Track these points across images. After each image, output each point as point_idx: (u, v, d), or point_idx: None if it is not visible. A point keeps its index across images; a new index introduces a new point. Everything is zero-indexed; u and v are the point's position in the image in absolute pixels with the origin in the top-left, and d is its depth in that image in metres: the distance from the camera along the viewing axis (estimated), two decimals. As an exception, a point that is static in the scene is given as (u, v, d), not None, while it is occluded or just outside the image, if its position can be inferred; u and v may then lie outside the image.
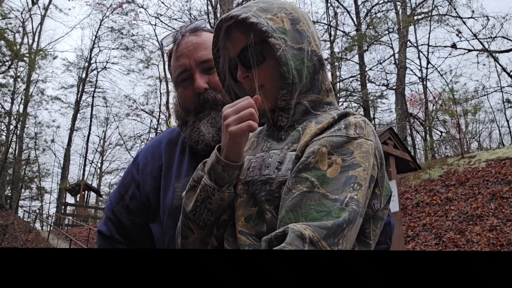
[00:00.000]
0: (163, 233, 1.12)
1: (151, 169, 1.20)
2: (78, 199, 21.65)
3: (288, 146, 0.88)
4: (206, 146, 1.08)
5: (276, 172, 0.85)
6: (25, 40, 21.64)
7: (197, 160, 1.06)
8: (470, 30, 14.41)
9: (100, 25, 23.90)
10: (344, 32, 16.36)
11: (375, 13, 16.96)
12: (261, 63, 0.91)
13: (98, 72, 24.61)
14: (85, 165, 25.14)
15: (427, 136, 18.00)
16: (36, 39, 22.33)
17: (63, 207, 21.24)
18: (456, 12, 14.81)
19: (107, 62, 25.06)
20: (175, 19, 17.05)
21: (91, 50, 24.34)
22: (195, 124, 1.11)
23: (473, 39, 14.09)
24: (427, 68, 16.88)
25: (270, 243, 0.72)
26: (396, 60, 16.67)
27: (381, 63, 16.39)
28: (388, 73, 17.27)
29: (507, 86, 15.51)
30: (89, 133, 24.76)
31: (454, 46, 14.46)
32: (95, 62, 24.85)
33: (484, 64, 21.97)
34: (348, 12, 16.72)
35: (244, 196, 0.87)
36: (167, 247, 1.09)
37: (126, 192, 1.23)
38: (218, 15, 12.30)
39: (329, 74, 1.00)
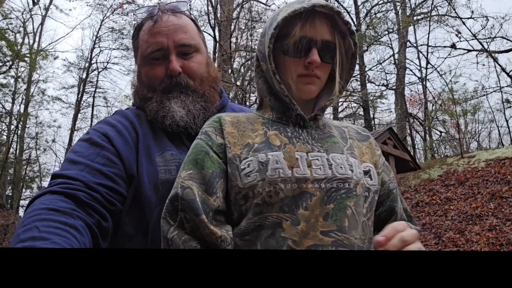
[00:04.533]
0: (147, 208, 0.99)
1: (126, 139, 1.05)
2: (78, 199, 21.54)
3: (344, 152, 0.95)
4: (174, 123, 1.06)
5: (351, 173, 0.90)
6: (26, 41, 21.62)
7: (170, 135, 1.08)
8: (470, 31, 14.44)
9: (100, 25, 23.83)
10: (344, 32, 16.31)
11: (375, 14, 16.93)
12: (333, 60, 0.96)
13: (98, 72, 24.56)
14: (85, 165, 25.00)
15: (427, 136, 17.97)
16: (37, 39, 22.30)
17: (63, 207, 21.14)
18: (455, 12, 14.79)
19: (107, 62, 24.99)
20: (175, 19, 16.97)
21: (92, 50, 24.30)
22: (163, 101, 1.08)
23: (472, 39, 14.08)
24: (426, 68, 16.85)
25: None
26: (396, 60, 16.64)
27: (380, 63, 16.37)
28: (388, 73, 17.24)
29: (506, 86, 15.47)
30: (89, 133, 24.64)
31: (453, 46, 14.44)
32: (96, 63, 24.80)
33: (484, 64, 21.97)
34: (348, 12, 16.68)
35: (317, 194, 0.85)
36: (154, 222, 0.97)
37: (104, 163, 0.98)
38: (218, 15, 12.29)
39: None
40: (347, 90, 15.92)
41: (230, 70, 11.36)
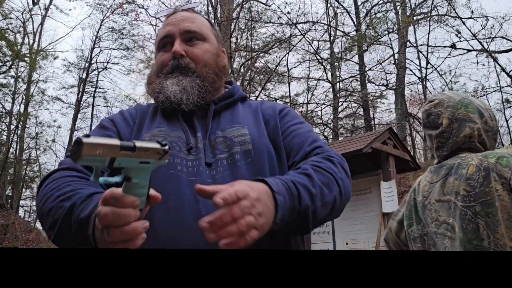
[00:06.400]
0: None
1: (128, 122, 1.14)
2: (78, 199, 21.51)
3: None
4: (167, 99, 1.10)
5: None
6: (26, 40, 21.63)
7: (167, 116, 1.12)
8: (470, 31, 14.40)
9: (100, 25, 23.86)
10: (344, 32, 16.34)
11: (375, 14, 16.93)
12: None
13: (98, 72, 24.58)
14: (85, 165, 24.99)
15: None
16: (36, 39, 22.32)
17: (63, 207, 21.16)
18: (455, 12, 14.77)
19: (107, 62, 25.01)
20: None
21: (92, 50, 24.32)
22: (162, 81, 1.13)
23: (472, 39, 14.06)
24: (426, 68, 16.83)
25: None
26: (396, 60, 16.64)
27: (380, 63, 16.35)
28: (388, 73, 17.23)
29: (506, 86, 15.45)
30: (90, 133, 24.69)
31: (453, 46, 14.44)
32: (96, 62, 24.82)
33: (484, 64, 21.95)
34: (348, 12, 16.69)
35: None
36: None
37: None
38: (218, 15, 12.29)
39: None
40: (347, 90, 15.94)
41: (230, 70, 11.36)
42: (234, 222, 0.66)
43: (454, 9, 14.76)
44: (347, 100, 16.21)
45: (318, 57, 15.22)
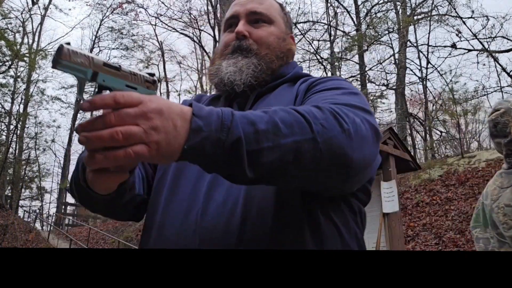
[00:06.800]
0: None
1: None
2: (78, 199, 21.51)
3: None
4: (221, 81, 1.06)
5: None
6: (25, 40, 21.66)
7: (211, 103, 1.11)
8: (470, 30, 14.38)
9: (100, 25, 23.94)
10: (344, 32, 16.35)
11: (375, 13, 16.94)
12: None
13: (98, 72, 24.57)
14: (85, 165, 24.99)
15: (427, 136, 17.99)
16: (36, 39, 22.37)
17: (63, 206, 21.24)
18: (456, 12, 14.78)
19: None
20: (175, 19, 17.06)
21: (91, 50, 24.36)
22: (219, 63, 1.09)
23: (473, 39, 14.06)
24: (427, 68, 16.84)
25: None
26: (396, 60, 16.65)
27: (381, 63, 16.37)
28: (388, 73, 17.25)
29: (507, 86, 15.45)
30: (89, 133, 24.73)
31: (454, 46, 14.44)
32: (95, 62, 24.80)
33: (484, 64, 21.97)
34: (348, 12, 16.71)
35: None
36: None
37: None
38: (218, 15, 12.29)
39: None
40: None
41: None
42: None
43: (455, 9, 14.77)
44: (347, 100, 16.17)
45: (318, 57, 15.23)
